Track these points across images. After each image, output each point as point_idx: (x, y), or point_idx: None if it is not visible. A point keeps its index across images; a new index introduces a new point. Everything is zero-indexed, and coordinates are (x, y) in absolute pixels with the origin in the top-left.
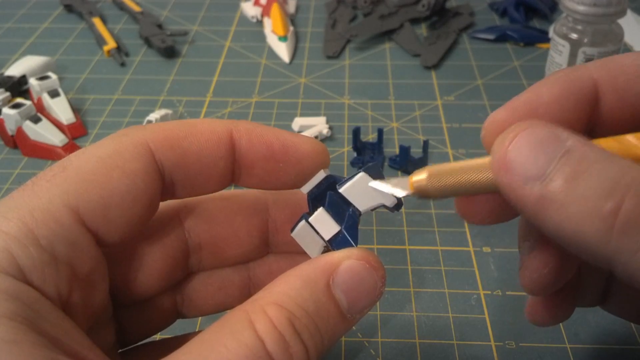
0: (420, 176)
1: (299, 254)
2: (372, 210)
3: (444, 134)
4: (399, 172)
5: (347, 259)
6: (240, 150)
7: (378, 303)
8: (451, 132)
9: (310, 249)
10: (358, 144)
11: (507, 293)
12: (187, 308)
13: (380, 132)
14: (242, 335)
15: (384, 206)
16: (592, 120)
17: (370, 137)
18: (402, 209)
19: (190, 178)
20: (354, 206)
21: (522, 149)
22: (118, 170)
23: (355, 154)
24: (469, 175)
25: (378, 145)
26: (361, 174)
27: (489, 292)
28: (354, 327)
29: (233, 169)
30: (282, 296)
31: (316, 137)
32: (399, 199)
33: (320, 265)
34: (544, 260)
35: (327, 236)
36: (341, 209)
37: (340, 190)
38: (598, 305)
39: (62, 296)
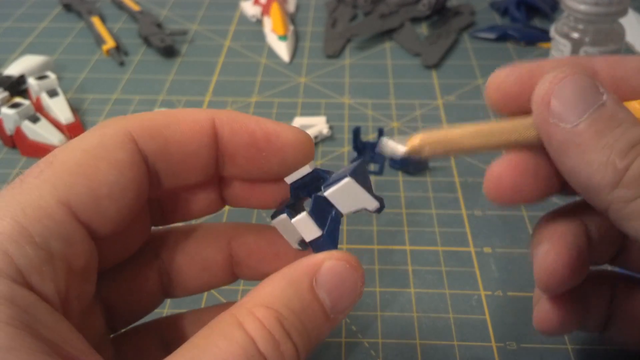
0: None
1: (276, 237)
2: (354, 213)
3: None
4: (400, 173)
5: (329, 259)
6: (223, 139)
7: (379, 303)
8: None
9: (289, 236)
10: (358, 144)
11: (508, 294)
12: (172, 289)
13: (380, 132)
14: (233, 336)
15: (366, 210)
16: None
17: (370, 137)
18: (403, 210)
19: (174, 167)
20: (337, 209)
21: (566, 91)
22: (104, 161)
23: (355, 154)
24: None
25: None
26: (347, 180)
27: (490, 293)
28: (353, 327)
29: (217, 158)
30: (268, 297)
31: (316, 137)
32: (381, 203)
33: (302, 266)
34: (560, 255)
35: (309, 238)
36: (324, 212)
37: (325, 194)
38: (599, 330)
39: (60, 294)
